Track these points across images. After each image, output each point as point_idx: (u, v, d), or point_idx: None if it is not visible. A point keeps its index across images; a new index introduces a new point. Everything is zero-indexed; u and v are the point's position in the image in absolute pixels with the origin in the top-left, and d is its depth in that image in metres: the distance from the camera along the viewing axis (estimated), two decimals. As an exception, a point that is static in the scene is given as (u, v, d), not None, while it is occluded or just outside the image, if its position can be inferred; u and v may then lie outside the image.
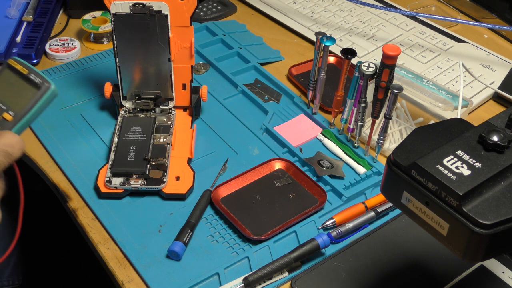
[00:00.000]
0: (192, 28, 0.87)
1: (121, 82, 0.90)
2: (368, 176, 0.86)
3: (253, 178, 0.85)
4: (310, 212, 0.80)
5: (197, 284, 0.72)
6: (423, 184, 0.53)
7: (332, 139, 0.91)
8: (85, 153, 0.88)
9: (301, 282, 0.71)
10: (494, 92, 1.02)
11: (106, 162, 0.84)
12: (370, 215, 0.79)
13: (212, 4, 1.22)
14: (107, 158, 0.85)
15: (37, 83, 0.69)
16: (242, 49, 1.10)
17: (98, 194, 0.82)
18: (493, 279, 0.72)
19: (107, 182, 0.81)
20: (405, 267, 0.74)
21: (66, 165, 0.86)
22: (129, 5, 0.83)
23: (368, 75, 0.83)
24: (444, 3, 1.26)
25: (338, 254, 0.75)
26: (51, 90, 0.69)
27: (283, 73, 1.06)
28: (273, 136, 0.92)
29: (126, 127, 0.88)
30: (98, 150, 0.89)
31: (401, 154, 0.55)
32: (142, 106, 0.91)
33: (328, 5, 1.23)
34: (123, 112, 0.91)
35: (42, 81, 0.69)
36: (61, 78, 1.01)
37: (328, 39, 0.88)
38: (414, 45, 1.12)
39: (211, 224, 0.79)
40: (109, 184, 0.81)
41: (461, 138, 0.55)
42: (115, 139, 0.86)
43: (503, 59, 1.09)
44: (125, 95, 0.91)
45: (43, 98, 0.69)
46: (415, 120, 0.92)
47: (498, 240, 0.50)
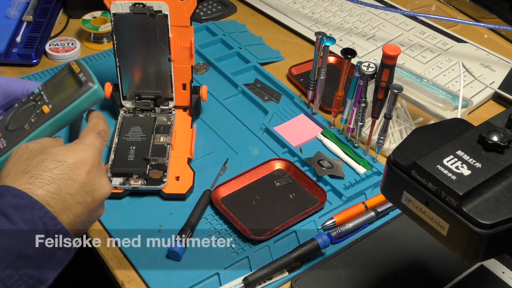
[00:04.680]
0: (192, 28, 0.87)
1: (121, 82, 0.90)
2: (368, 176, 0.86)
3: (253, 178, 0.85)
4: (310, 212, 0.80)
5: (197, 284, 0.72)
6: (423, 184, 0.53)
7: (332, 139, 0.91)
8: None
9: (301, 282, 0.71)
10: (494, 92, 1.02)
11: (106, 162, 0.84)
12: (370, 215, 0.79)
13: (212, 4, 1.22)
14: (107, 158, 0.85)
15: (81, 81, 0.70)
16: (242, 49, 1.10)
17: None
18: (493, 279, 0.72)
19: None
20: (405, 267, 0.74)
21: None
22: (129, 5, 0.83)
23: (368, 75, 0.83)
24: (444, 3, 1.26)
25: (338, 254, 0.75)
26: (93, 90, 0.69)
27: (283, 73, 1.06)
28: (273, 136, 0.92)
29: (126, 127, 0.88)
30: None
31: (401, 154, 0.55)
32: (142, 106, 0.91)
33: (328, 5, 1.23)
34: (123, 112, 0.91)
35: (87, 79, 0.69)
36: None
37: (328, 39, 0.88)
38: (414, 45, 1.12)
39: (211, 224, 0.79)
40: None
41: (461, 138, 0.55)
42: (115, 139, 0.86)
43: (503, 59, 1.09)
44: (125, 95, 0.91)
45: (83, 97, 0.69)
46: (415, 120, 0.92)
47: (498, 240, 0.50)
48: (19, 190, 0.57)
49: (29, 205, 0.57)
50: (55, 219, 0.58)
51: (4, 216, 0.55)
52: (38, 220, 0.56)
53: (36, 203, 0.57)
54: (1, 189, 0.58)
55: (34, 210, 0.57)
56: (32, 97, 0.73)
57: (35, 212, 0.56)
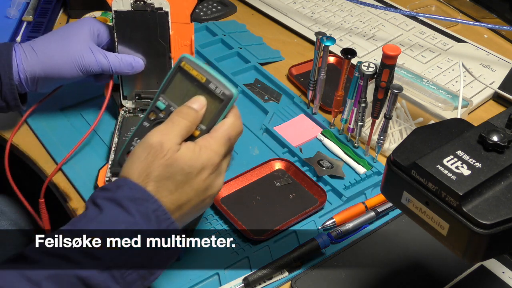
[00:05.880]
0: (193, 25, 0.87)
1: (121, 82, 0.90)
2: (368, 176, 0.86)
3: (253, 178, 0.85)
4: (310, 212, 0.80)
5: (197, 284, 0.72)
6: (423, 184, 0.53)
7: (332, 139, 0.91)
8: (85, 153, 0.88)
9: (301, 282, 0.71)
10: (494, 92, 1.02)
11: (106, 162, 0.84)
12: (370, 215, 0.79)
13: (212, 4, 1.22)
14: (107, 158, 0.85)
15: (216, 95, 0.63)
16: (242, 49, 1.10)
17: None
18: (493, 279, 0.72)
19: (107, 182, 0.81)
20: (405, 267, 0.74)
21: (66, 165, 0.86)
22: (130, 2, 0.83)
23: (368, 75, 0.83)
24: (444, 3, 1.26)
25: (338, 254, 0.75)
26: (234, 97, 0.63)
27: (283, 73, 1.06)
28: (273, 136, 0.92)
29: (126, 127, 0.88)
30: (98, 150, 0.89)
31: (401, 154, 0.55)
32: (142, 106, 0.91)
33: (328, 5, 1.23)
34: (123, 112, 0.91)
35: (223, 91, 0.63)
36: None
37: (328, 39, 0.88)
38: (414, 45, 1.12)
39: (211, 224, 0.79)
40: None
41: (461, 138, 0.55)
42: (115, 139, 0.86)
43: (503, 59, 1.09)
44: (126, 94, 0.91)
45: (227, 109, 0.63)
46: (415, 120, 0.92)
47: (498, 240, 0.50)
48: (135, 184, 0.59)
49: (143, 198, 0.59)
50: (167, 214, 0.59)
51: (120, 206, 0.58)
52: (151, 213, 0.58)
53: (150, 197, 0.59)
54: (120, 181, 0.60)
55: (148, 203, 0.58)
56: (161, 114, 0.66)
57: (148, 206, 0.58)
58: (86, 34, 0.83)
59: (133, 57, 0.85)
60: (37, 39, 0.83)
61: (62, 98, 0.97)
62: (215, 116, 0.64)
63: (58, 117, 0.94)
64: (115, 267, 0.56)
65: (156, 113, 0.67)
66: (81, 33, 0.82)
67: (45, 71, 0.81)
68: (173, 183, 0.60)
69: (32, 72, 0.81)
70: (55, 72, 0.81)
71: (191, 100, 0.64)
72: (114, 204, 0.58)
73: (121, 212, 0.57)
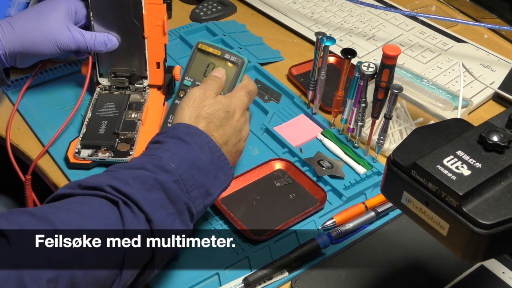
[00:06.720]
0: (165, 6, 0.90)
1: (98, 60, 0.92)
2: (368, 176, 0.86)
3: (253, 178, 0.85)
4: (310, 212, 0.80)
5: (197, 284, 0.72)
6: (423, 184, 0.53)
7: (332, 139, 0.91)
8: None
9: (301, 282, 0.71)
10: (494, 92, 1.02)
11: (78, 135, 0.87)
12: (370, 215, 0.79)
13: (212, 4, 1.22)
14: (78, 131, 0.88)
15: (233, 61, 0.79)
16: (242, 49, 1.10)
17: (68, 165, 0.85)
18: (493, 279, 0.72)
19: (76, 153, 0.84)
20: (405, 267, 0.74)
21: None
22: None
23: (368, 75, 0.83)
24: (444, 3, 1.26)
25: (338, 254, 0.75)
26: (247, 62, 0.79)
27: (283, 73, 1.06)
28: (273, 136, 0.92)
29: (100, 103, 0.90)
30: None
31: (401, 154, 0.55)
32: (117, 83, 0.93)
33: (328, 5, 1.23)
34: (99, 89, 0.93)
35: (236, 58, 0.79)
36: (60, 78, 1.01)
37: (328, 39, 0.88)
38: (414, 45, 1.12)
39: (211, 224, 0.79)
40: (78, 155, 0.84)
41: (461, 138, 0.55)
42: (88, 114, 0.89)
43: (503, 59, 1.09)
44: (101, 72, 0.93)
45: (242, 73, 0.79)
46: (415, 120, 0.92)
47: (498, 240, 0.50)
48: (188, 124, 0.71)
49: (198, 132, 0.70)
50: (217, 146, 0.70)
51: (179, 139, 0.68)
52: (205, 144, 0.69)
53: (202, 132, 0.70)
54: (175, 125, 0.71)
55: (202, 137, 0.70)
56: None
57: (202, 139, 0.70)
58: (63, 11, 0.86)
59: (107, 35, 0.89)
60: (15, 16, 0.86)
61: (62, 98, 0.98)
62: (233, 80, 0.79)
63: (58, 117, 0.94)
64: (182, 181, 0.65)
65: (184, 91, 0.81)
66: (58, 10, 0.86)
67: (23, 47, 0.84)
68: (218, 120, 0.72)
69: (11, 47, 0.84)
70: (33, 48, 0.84)
71: (213, 71, 0.79)
72: (174, 138, 0.68)
73: (181, 143, 0.68)
